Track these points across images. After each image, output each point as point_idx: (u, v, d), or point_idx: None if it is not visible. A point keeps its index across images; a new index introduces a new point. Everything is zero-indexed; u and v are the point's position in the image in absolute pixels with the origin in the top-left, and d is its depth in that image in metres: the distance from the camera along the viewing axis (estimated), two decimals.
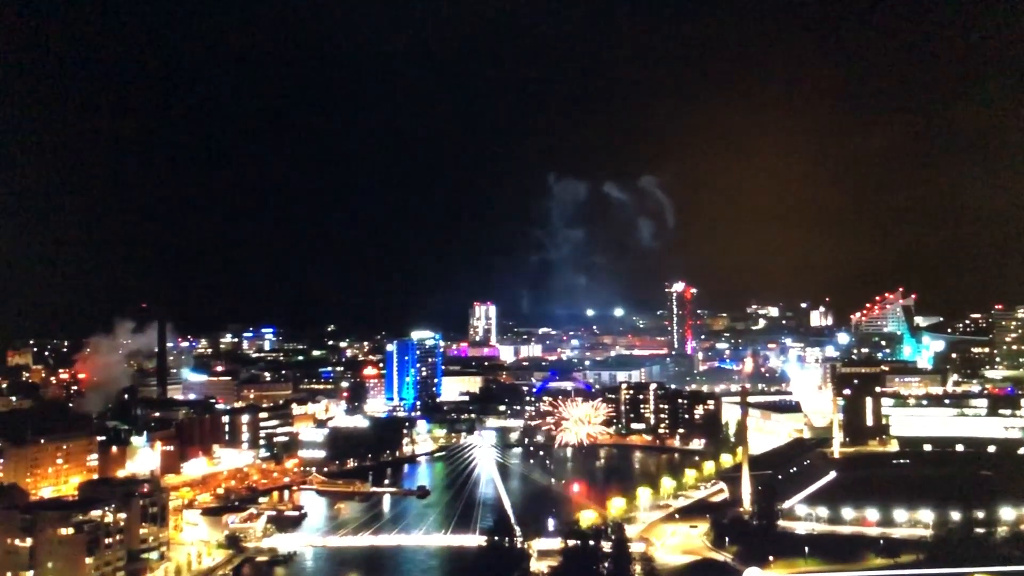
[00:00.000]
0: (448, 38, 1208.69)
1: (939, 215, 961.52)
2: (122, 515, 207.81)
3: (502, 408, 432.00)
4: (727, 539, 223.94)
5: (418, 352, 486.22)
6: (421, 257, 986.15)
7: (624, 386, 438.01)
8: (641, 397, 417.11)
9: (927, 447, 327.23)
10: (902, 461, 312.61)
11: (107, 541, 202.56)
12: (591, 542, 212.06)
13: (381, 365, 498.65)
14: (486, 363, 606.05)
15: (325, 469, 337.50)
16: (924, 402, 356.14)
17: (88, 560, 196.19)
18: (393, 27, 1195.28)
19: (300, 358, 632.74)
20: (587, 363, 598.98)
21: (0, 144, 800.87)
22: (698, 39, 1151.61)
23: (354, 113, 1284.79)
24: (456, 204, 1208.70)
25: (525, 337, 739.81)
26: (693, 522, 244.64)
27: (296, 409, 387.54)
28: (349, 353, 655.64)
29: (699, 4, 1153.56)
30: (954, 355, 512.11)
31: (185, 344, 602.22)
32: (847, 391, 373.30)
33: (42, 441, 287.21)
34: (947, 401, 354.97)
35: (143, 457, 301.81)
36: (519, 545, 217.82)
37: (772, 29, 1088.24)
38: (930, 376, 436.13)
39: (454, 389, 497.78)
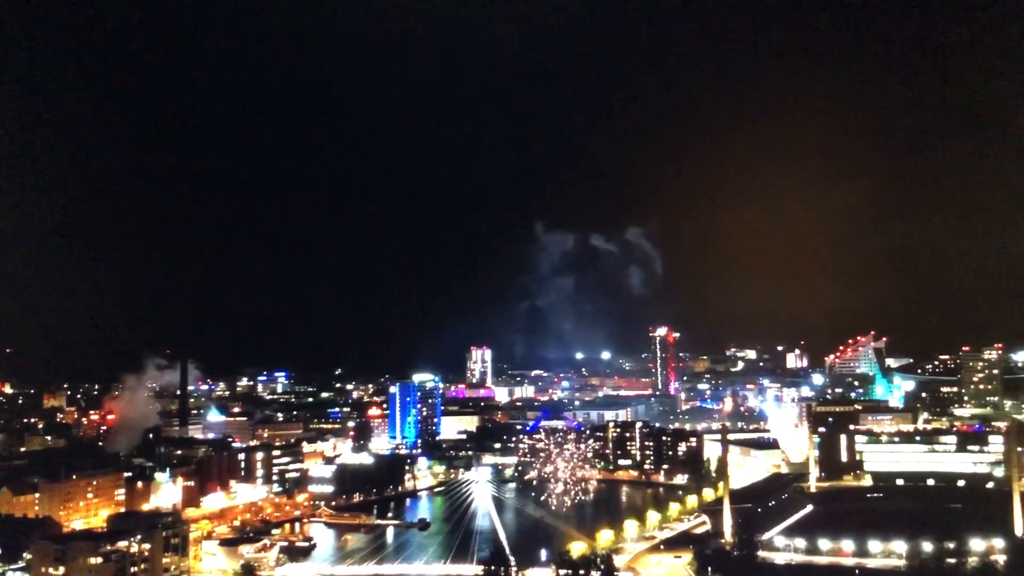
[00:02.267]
0: (446, 90, 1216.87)
1: (908, 263, 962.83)
2: (147, 545, 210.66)
3: (497, 446, 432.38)
4: (710, 568, 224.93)
5: (419, 393, 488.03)
6: (422, 304, 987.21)
7: (611, 425, 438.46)
8: (627, 435, 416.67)
9: (900, 481, 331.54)
10: (876, 495, 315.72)
11: (133, 570, 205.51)
12: (581, 571, 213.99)
13: (385, 406, 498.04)
14: (482, 403, 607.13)
15: (333, 503, 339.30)
16: (896, 439, 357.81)
17: None
18: (394, 77, 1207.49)
19: (310, 400, 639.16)
20: (576, 403, 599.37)
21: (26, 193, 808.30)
22: (679, 93, 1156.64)
23: (359, 165, 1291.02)
24: (454, 254, 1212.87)
25: (519, 379, 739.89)
26: (677, 552, 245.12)
27: (306, 447, 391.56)
28: (355, 395, 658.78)
29: (680, 57, 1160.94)
30: (924, 394, 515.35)
31: (205, 387, 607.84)
32: (822, 429, 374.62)
33: (74, 477, 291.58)
34: (918, 438, 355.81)
35: (166, 492, 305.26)
36: (513, 574, 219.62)
37: (751, 81, 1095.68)
38: (901, 414, 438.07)
39: (452, 428, 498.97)
